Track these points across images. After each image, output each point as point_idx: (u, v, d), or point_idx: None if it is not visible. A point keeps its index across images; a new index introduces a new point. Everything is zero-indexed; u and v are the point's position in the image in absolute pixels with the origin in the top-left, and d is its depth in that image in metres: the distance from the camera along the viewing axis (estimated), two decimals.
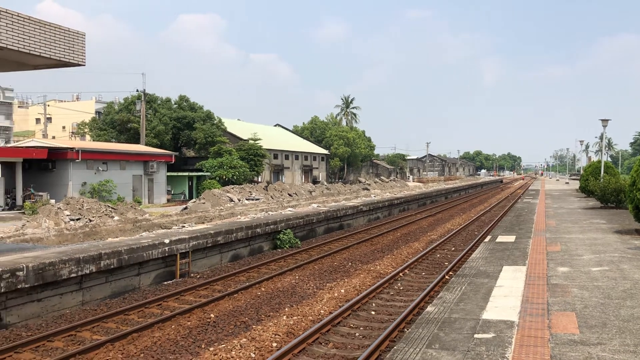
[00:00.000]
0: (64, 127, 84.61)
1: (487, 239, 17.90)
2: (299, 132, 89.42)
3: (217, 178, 48.03)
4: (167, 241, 15.20)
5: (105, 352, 9.45)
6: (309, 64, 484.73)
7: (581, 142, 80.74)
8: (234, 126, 65.58)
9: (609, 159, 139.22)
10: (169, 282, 15.19)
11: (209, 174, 48.65)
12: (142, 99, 49.91)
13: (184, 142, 56.02)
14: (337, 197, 43.34)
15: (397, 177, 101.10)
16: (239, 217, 24.69)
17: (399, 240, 23.57)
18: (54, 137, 70.84)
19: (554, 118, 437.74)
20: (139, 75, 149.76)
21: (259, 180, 57.33)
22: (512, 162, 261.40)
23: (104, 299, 13.20)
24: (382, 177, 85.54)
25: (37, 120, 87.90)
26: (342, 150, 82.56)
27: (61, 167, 35.52)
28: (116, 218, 24.21)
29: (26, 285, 11.16)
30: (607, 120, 37.29)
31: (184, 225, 21.03)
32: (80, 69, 13.68)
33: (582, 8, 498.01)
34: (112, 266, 13.30)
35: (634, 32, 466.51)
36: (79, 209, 23.70)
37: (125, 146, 44.99)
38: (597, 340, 7.01)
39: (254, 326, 10.84)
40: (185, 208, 32.87)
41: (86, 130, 61.48)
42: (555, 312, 8.33)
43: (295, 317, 11.42)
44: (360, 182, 72.82)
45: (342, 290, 13.88)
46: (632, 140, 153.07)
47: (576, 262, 12.59)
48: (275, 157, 67.13)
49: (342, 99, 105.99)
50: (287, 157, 70.36)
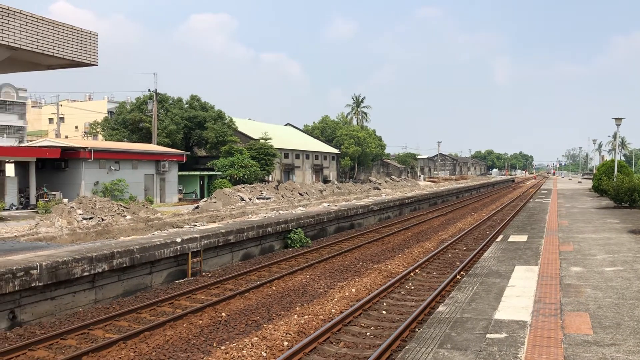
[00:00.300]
0: (76, 127, 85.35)
1: (499, 239, 17.79)
2: (309, 131, 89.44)
3: (228, 177, 48.17)
4: (178, 240, 15.26)
5: (117, 351, 9.51)
6: (319, 63, 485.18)
7: (594, 141, 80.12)
8: (244, 126, 65.73)
9: (623, 158, 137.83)
10: (180, 280, 15.26)
11: (220, 173, 48.80)
12: (154, 99, 50.15)
13: (195, 142, 56.24)
14: (348, 197, 43.30)
15: (408, 177, 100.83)
16: (250, 216, 24.75)
17: (410, 239, 23.50)
18: (66, 137, 71.49)
19: (567, 117, 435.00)
20: (151, 75, 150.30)
21: (270, 179, 57.41)
22: (523, 161, 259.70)
23: (116, 298, 13.29)
24: (392, 177, 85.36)
25: (50, 120, 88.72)
26: (353, 150, 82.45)
27: (74, 166, 35.80)
28: (128, 217, 24.36)
29: (40, 284, 11.26)
30: (621, 119, 36.88)
31: (196, 224, 21.12)
32: (93, 69, 13.78)
33: (596, 6, 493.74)
34: (124, 265, 13.38)
35: None
36: (92, 208, 23.87)
37: (137, 146, 45.24)
38: (611, 341, 6.94)
39: (265, 325, 10.86)
40: (197, 207, 32.99)
41: (98, 129, 61.97)
42: (568, 313, 8.26)
43: (306, 316, 11.42)
44: (370, 181, 72.70)
45: (353, 290, 13.87)
46: None
47: (589, 262, 12.48)
48: (286, 156, 67.19)
49: (352, 98, 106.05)
50: (297, 157, 70.41)
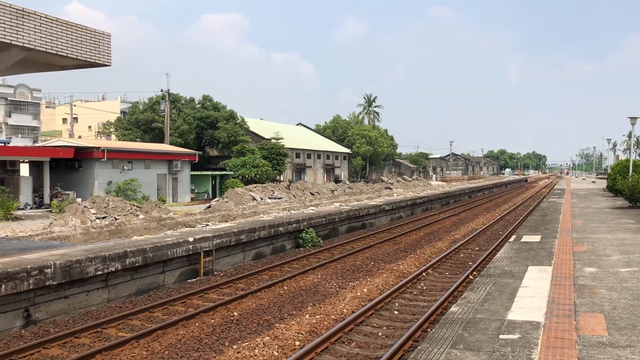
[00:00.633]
0: (89, 127, 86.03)
1: (511, 239, 17.67)
2: (321, 131, 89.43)
3: (240, 177, 48.30)
4: (191, 239, 15.33)
5: (130, 349, 9.56)
6: (330, 63, 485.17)
7: (609, 140, 79.15)
8: (256, 125, 65.86)
9: (638, 158, 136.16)
10: (192, 280, 15.32)
11: (232, 172, 48.95)
12: (167, 99, 50.41)
13: (207, 142, 56.45)
14: (360, 196, 43.24)
15: (419, 176, 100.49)
16: (261, 215, 24.80)
17: (422, 239, 23.41)
18: (80, 137, 72.08)
19: (581, 116, 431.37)
20: (163, 75, 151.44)
21: (281, 179, 57.48)
22: (536, 160, 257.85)
23: (129, 297, 13.37)
24: (404, 176, 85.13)
25: (64, 120, 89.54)
26: (364, 149, 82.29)
27: (87, 166, 36.09)
28: (141, 216, 24.50)
29: (54, 283, 11.36)
30: (636, 117, 36.48)
31: (208, 223, 21.20)
32: (106, 69, 13.88)
33: (610, 4, 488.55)
34: (137, 264, 13.46)
35: None
36: (105, 207, 24.04)
37: (149, 145, 45.50)
38: (626, 342, 6.86)
39: (277, 325, 10.87)
40: (209, 207, 33.12)
41: (111, 129, 62.37)
42: (582, 314, 8.18)
43: (318, 316, 11.42)
44: (382, 181, 72.57)
45: (365, 290, 13.84)
46: None
47: (604, 263, 12.36)
48: (298, 156, 67.23)
49: (364, 98, 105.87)
50: (309, 156, 70.42)
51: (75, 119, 79.99)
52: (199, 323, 11.08)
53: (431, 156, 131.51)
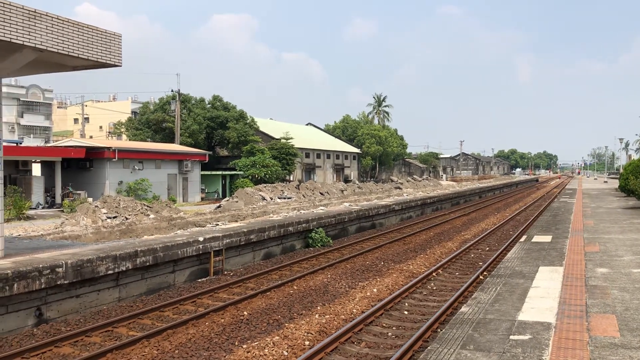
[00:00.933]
0: (101, 127, 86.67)
1: (522, 239, 17.56)
2: (330, 130, 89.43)
3: (250, 177, 48.42)
4: (201, 239, 15.38)
5: (141, 348, 9.61)
6: (339, 63, 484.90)
7: (621, 139, 78.59)
8: (266, 125, 65.99)
9: None
10: (202, 279, 15.37)
11: (241, 172, 49.08)
12: (177, 99, 50.64)
13: (217, 142, 56.65)
14: (369, 196, 43.18)
15: (429, 176, 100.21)
16: (271, 215, 24.84)
17: (432, 239, 23.34)
18: (91, 137, 72.64)
19: (592, 115, 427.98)
20: (174, 75, 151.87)
21: (291, 179, 57.56)
22: (548, 160, 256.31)
23: (139, 296, 13.44)
24: (414, 176, 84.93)
25: (75, 120, 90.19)
26: (374, 149, 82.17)
27: (98, 166, 36.34)
28: (152, 216, 24.63)
29: (65, 282, 11.44)
30: None
31: (218, 223, 21.27)
32: (117, 69, 13.95)
33: (621, 3, 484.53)
34: (147, 263, 13.53)
35: None
36: (116, 207, 24.19)
37: (160, 145, 45.73)
38: (638, 343, 6.80)
39: (286, 324, 10.88)
40: (219, 206, 33.23)
41: (122, 129, 62.81)
42: (594, 314, 8.12)
43: (327, 316, 11.42)
44: (392, 181, 72.45)
45: (375, 290, 13.82)
46: None
47: (616, 263, 12.25)
48: (307, 156, 67.27)
49: (374, 97, 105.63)
50: (318, 156, 70.44)
51: (87, 119, 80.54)
52: (209, 322, 11.11)
53: (441, 156, 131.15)
